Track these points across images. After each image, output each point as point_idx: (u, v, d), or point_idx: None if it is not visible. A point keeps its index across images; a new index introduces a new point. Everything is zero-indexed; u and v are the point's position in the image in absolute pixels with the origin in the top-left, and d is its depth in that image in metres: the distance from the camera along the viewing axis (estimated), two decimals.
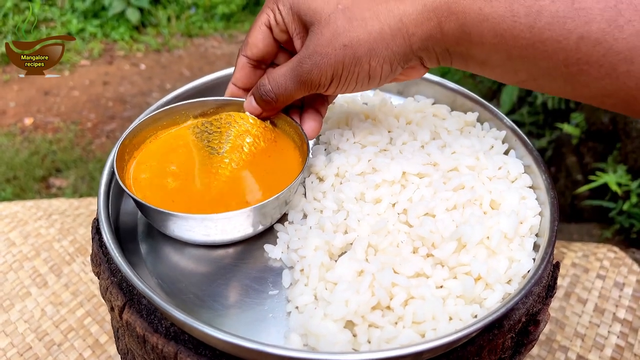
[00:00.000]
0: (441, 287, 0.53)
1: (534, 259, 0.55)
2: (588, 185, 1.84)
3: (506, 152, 0.68)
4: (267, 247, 0.60)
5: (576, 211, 1.96)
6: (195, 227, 0.55)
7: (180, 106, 0.65)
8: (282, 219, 0.63)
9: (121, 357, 0.62)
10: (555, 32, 0.45)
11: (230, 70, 0.69)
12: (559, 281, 1.01)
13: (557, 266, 0.59)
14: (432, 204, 0.57)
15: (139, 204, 0.56)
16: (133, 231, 0.62)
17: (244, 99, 0.63)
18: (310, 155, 0.59)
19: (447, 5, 0.49)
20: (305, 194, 0.64)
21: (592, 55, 0.45)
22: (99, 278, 0.59)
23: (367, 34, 0.51)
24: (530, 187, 0.63)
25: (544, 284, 0.57)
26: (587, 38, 0.44)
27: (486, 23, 0.48)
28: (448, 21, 0.49)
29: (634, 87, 0.45)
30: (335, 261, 0.56)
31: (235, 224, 0.56)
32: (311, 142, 0.71)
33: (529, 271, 0.54)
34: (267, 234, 0.62)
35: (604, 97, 0.48)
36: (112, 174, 0.62)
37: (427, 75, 0.77)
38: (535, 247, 0.57)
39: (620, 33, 0.43)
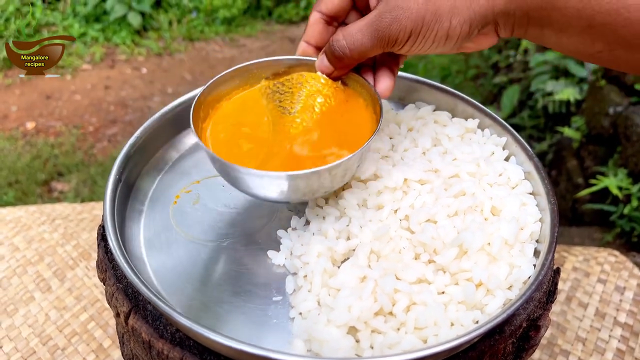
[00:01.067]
0: (443, 293, 0.53)
1: (534, 265, 0.56)
2: (589, 189, 1.84)
3: (507, 159, 0.69)
4: (271, 254, 0.61)
5: (577, 215, 1.96)
6: (270, 184, 0.55)
7: (253, 65, 0.64)
8: (285, 224, 0.64)
9: None
10: None
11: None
12: (560, 285, 1.01)
13: (557, 272, 0.60)
14: (434, 211, 0.58)
15: (217, 162, 0.56)
16: (138, 237, 0.63)
17: (316, 59, 0.62)
18: (384, 115, 0.59)
19: None
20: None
21: None
22: (104, 284, 0.59)
23: None
24: (530, 194, 0.64)
25: (545, 289, 0.58)
26: None
27: None
28: None
29: None
30: (338, 267, 0.57)
31: (313, 182, 0.55)
32: None
33: (529, 277, 0.54)
34: (270, 241, 0.63)
35: None
36: (117, 180, 0.63)
37: (428, 81, 0.78)
38: (536, 253, 0.58)
39: None
